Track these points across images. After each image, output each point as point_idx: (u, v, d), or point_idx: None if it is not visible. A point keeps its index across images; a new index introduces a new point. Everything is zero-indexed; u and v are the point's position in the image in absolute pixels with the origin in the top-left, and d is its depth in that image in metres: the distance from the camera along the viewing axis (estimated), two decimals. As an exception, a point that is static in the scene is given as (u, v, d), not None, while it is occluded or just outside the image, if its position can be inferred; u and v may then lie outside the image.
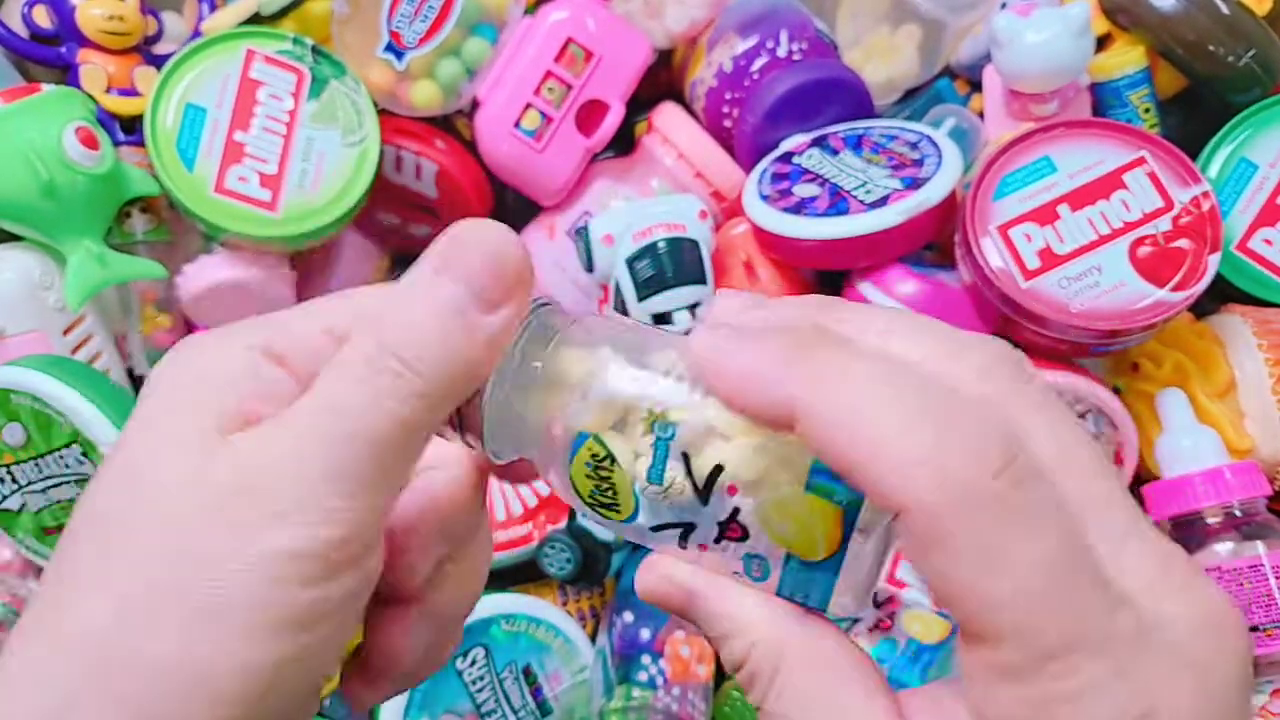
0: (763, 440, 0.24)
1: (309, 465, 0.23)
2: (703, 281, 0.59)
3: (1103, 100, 0.61)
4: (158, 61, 0.60)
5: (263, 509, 0.22)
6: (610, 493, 0.25)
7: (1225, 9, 0.57)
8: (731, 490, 0.24)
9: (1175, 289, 0.52)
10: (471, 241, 0.24)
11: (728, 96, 0.62)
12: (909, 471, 0.20)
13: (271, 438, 0.23)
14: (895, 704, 0.24)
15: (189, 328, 0.62)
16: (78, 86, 0.58)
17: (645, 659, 0.57)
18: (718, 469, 0.24)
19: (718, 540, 0.25)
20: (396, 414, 0.23)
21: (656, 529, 0.25)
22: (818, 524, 0.23)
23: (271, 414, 0.24)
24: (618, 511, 0.26)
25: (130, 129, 0.59)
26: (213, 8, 0.61)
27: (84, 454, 0.50)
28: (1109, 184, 0.54)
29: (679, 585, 0.26)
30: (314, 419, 0.23)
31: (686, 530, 0.25)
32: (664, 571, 0.26)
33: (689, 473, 0.24)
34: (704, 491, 0.24)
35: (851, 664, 0.24)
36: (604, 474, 0.25)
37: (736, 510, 0.24)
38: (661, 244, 0.58)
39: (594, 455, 0.25)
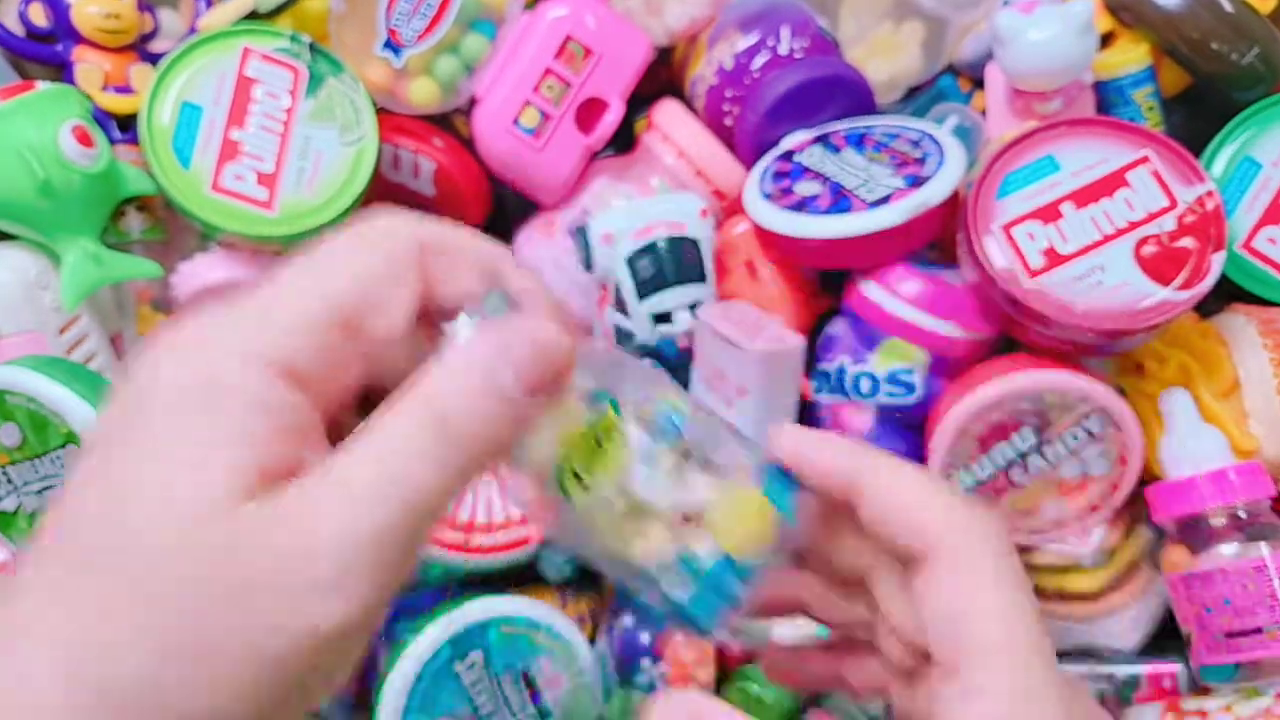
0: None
1: (360, 538, 0.22)
2: (703, 280, 0.58)
3: (1106, 98, 0.60)
4: (154, 59, 0.59)
5: (303, 593, 0.22)
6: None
7: (1229, 6, 0.57)
8: None
9: (1180, 288, 0.51)
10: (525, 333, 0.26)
11: (728, 94, 0.62)
12: (944, 518, 0.30)
13: (316, 508, 0.22)
14: None
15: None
16: (73, 84, 0.57)
17: (645, 662, 0.56)
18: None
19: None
20: (447, 488, 0.24)
21: None
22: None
23: (292, 456, 0.23)
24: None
25: (126, 127, 0.58)
26: (209, 5, 0.61)
27: (79, 455, 0.50)
28: (1112, 182, 0.53)
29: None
30: (373, 489, 0.23)
31: None
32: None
33: None
34: None
35: None
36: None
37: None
38: (662, 243, 0.57)
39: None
